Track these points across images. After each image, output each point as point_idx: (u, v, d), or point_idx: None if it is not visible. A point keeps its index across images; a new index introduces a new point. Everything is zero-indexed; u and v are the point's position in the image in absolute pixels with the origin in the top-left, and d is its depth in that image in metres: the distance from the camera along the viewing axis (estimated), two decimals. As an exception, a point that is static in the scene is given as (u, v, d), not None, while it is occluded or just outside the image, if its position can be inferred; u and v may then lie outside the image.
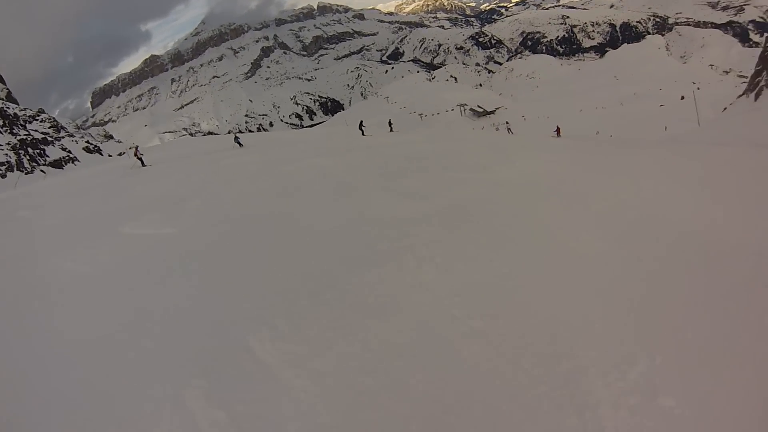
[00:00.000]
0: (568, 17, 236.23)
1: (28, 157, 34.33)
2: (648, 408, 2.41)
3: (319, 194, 8.17)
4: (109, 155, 42.48)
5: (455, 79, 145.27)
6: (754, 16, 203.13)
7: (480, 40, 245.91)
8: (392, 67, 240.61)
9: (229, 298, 4.12)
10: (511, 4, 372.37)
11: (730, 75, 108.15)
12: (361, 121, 25.86)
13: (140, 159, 17.81)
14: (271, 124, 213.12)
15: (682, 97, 67.18)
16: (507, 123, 38.00)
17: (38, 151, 35.97)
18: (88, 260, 5.76)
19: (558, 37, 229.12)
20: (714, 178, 7.27)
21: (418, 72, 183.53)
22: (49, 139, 38.30)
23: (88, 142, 42.90)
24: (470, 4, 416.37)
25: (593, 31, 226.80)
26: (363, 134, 23.87)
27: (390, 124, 29.02)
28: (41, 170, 33.76)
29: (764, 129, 16.69)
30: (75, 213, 9.91)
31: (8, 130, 34.71)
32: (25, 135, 35.70)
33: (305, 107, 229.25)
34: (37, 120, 39.73)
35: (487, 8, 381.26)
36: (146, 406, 2.77)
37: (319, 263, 4.68)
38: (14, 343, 3.86)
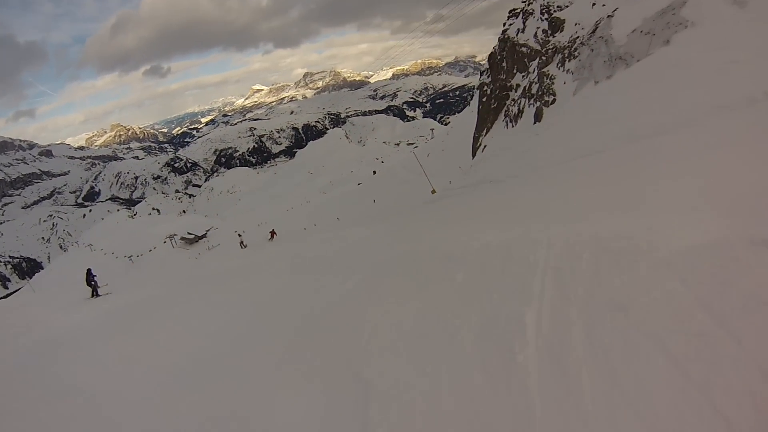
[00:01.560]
0: (255, 129, 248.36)
1: None
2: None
3: None
4: None
5: (158, 211, 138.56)
6: (406, 98, 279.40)
7: (176, 165, 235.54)
8: (90, 210, 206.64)
9: None
10: (202, 125, 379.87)
11: (401, 145, 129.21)
12: (89, 271, 15.58)
13: None
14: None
15: (374, 172, 74.70)
16: (240, 235, 36.75)
17: None
18: None
19: (249, 148, 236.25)
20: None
21: (118, 210, 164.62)
22: None
23: None
24: (162, 130, 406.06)
25: (280, 137, 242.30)
26: (96, 294, 15.06)
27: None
28: None
29: (585, 137, 13.98)
30: None
31: None
32: None
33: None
34: None
35: (179, 132, 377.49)
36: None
37: None
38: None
